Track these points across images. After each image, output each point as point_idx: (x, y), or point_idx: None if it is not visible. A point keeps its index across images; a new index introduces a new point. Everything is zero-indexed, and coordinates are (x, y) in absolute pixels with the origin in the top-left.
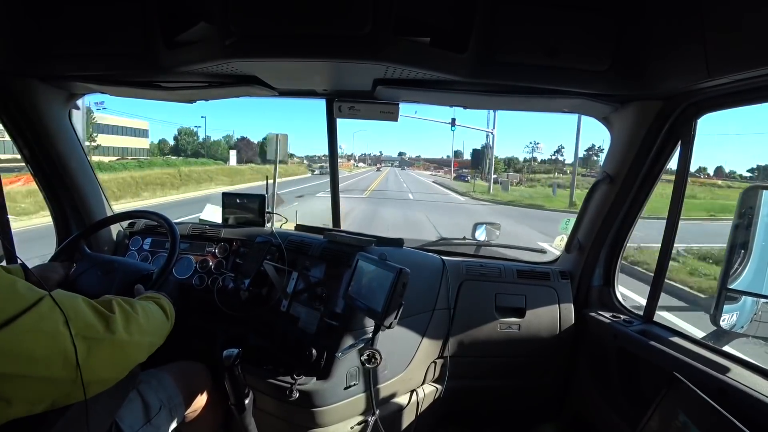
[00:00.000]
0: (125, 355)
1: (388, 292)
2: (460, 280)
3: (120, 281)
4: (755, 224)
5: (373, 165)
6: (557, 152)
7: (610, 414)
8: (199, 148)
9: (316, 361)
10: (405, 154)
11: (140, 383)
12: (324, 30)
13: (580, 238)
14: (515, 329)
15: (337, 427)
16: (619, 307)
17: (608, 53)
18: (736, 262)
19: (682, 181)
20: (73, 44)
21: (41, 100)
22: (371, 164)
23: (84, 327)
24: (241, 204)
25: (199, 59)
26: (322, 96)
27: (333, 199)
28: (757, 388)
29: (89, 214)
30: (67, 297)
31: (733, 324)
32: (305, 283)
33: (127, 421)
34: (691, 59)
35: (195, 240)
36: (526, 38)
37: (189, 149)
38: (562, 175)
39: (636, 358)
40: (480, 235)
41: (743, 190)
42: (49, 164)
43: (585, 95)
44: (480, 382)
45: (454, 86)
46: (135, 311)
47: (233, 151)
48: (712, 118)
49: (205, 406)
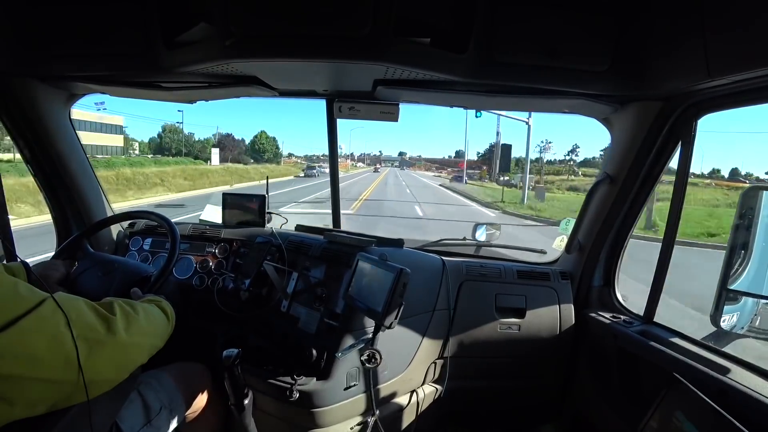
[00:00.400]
0: (126, 356)
1: (389, 293)
2: (460, 281)
3: (119, 282)
4: (755, 225)
5: (373, 165)
6: (572, 152)
7: (611, 414)
8: (181, 147)
9: (316, 361)
10: (405, 154)
11: (141, 384)
12: (324, 30)
13: (581, 239)
14: (515, 330)
15: (337, 427)
16: (619, 308)
17: (608, 53)
18: (737, 262)
19: (682, 181)
20: (73, 44)
21: (41, 100)
22: (370, 164)
23: (85, 328)
24: (241, 204)
25: (199, 60)
26: (322, 96)
27: (333, 199)
28: (758, 390)
29: (89, 214)
30: (68, 299)
31: (733, 325)
32: (305, 283)
33: (128, 422)
34: (691, 60)
35: (195, 240)
36: (526, 38)
37: (174, 147)
38: (573, 177)
39: (636, 358)
40: (480, 235)
41: (743, 191)
42: (49, 164)
43: (585, 95)
44: (480, 383)
45: (454, 87)
46: (136, 313)
47: (215, 149)
48: (723, 115)
49: (206, 407)
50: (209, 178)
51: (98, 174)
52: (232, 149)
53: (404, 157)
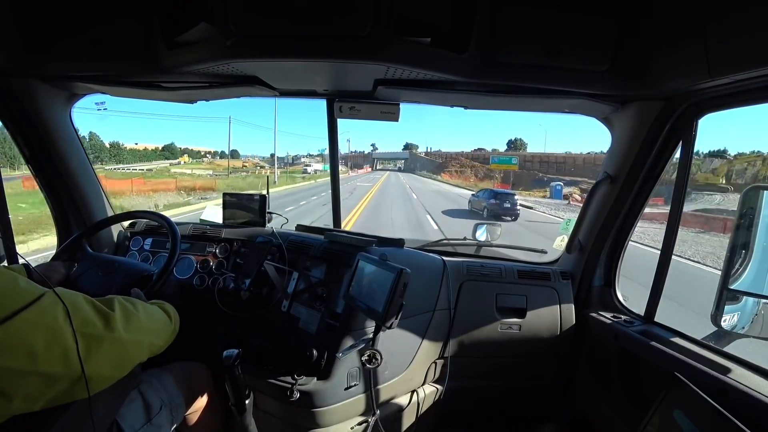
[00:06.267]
0: (124, 353)
1: (389, 293)
2: (460, 281)
3: (120, 282)
4: (756, 225)
5: (375, 167)
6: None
7: (611, 414)
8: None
9: (317, 361)
10: (416, 147)
11: (141, 383)
12: (325, 30)
13: (581, 239)
14: (516, 329)
15: (338, 427)
16: (619, 308)
17: (609, 53)
18: (737, 262)
19: (682, 181)
20: (73, 44)
21: (42, 100)
22: (354, 166)
23: (83, 323)
24: (242, 204)
25: (199, 59)
26: (322, 96)
27: (333, 199)
28: (759, 389)
29: (90, 214)
30: (68, 294)
31: (734, 324)
32: (306, 283)
33: (128, 420)
34: (692, 59)
35: (196, 240)
36: (526, 38)
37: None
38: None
39: (637, 358)
40: (481, 235)
41: (744, 191)
42: (50, 164)
43: (586, 95)
44: (481, 383)
45: (454, 86)
46: (137, 310)
47: None
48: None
49: (206, 407)
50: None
51: None
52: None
53: (414, 151)
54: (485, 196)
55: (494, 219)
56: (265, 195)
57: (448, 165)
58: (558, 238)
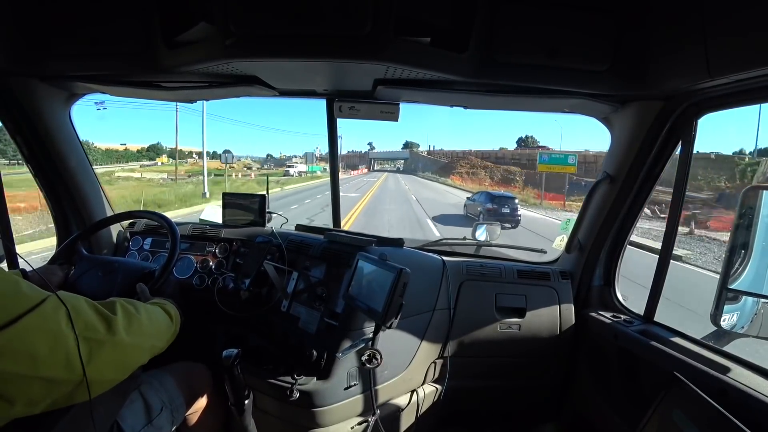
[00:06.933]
0: (126, 356)
1: (389, 292)
2: (460, 280)
3: (122, 281)
4: (755, 224)
5: (372, 168)
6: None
7: (611, 414)
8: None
9: (317, 361)
10: (417, 146)
11: (142, 384)
12: (324, 30)
13: (581, 238)
14: (515, 329)
15: (338, 427)
16: (619, 307)
17: (608, 53)
18: (737, 262)
19: (682, 181)
20: (73, 44)
21: (41, 100)
22: (347, 167)
23: (85, 328)
24: (242, 204)
25: (199, 59)
26: (322, 96)
27: (333, 199)
28: (758, 389)
29: (89, 214)
30: (70, 297)
31: (733, 324)
32: (305, 283)
33: (129, 421)
34: (691, 59)
35: (195, 240)
36: (526, 38)
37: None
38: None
39: (636, 358)
40: (480, 235)
41: (743, 191)
42: (50, 164)
43: (585, 95)
44: (480, 382)
45: (454, 86)
46: (138, 313)
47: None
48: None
49: (206, 407)
50: None
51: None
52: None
53: (415, 150)
54: (482, 200)
55: None
56: (265, 195)
57: (456, 165)
58: (557, 238)
